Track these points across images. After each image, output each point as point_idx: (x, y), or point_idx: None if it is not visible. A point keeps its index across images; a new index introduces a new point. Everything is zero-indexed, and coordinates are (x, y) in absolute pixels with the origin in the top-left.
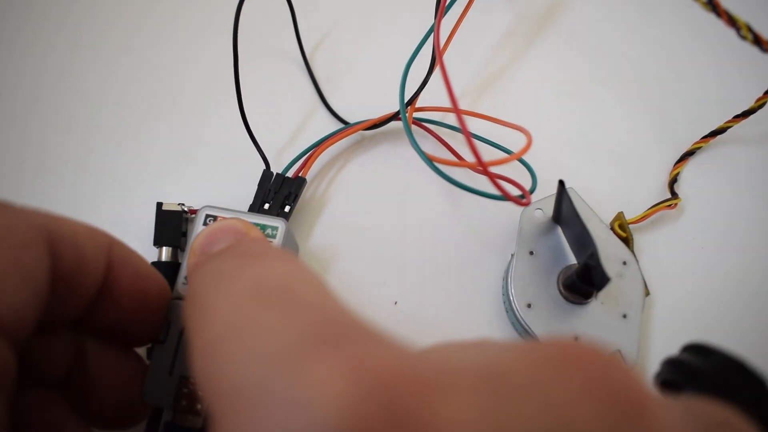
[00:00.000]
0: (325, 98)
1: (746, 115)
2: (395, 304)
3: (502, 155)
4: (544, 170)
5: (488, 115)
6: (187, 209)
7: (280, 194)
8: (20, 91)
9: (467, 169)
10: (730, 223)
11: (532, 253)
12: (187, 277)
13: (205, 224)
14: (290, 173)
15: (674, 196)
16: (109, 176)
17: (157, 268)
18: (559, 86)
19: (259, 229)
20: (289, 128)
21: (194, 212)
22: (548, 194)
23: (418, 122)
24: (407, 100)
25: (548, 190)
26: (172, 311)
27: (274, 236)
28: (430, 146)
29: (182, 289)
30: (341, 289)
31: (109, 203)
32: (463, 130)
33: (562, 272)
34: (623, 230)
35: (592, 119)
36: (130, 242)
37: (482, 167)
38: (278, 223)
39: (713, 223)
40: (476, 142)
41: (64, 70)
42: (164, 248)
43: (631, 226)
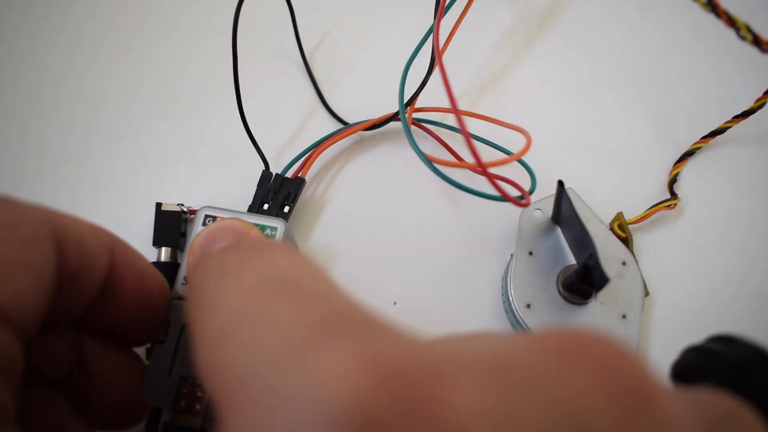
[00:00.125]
0: (324, 98)
1: (746, 115)
2: (395, 304)
3: (501, 156)
4: (543, 170)
5: (488, 115)
6: (186, 209)
7: (279, 194)
8: (20, 91)
9: (466, 169)
10: (730, 223)
11: (531, 253)
12: (186, 276)
13: (204, 224)
14: (290, 173)
15: (674, 196)
16: (108, 176)
17: (156, 268)
18: (559, 86)
19: (258, 229)
20: (288, 128)
21: (193, 212)
22: (548, 194)
23: (417, 123)
24: (407, 100)
25: (548, 190)
26: (171, 311)
27: (273, 237)
28: (429, 147)
29: (181, 289)
30: None
31: (108, 203)
32: (462, 130)
33: (561, 272)
34: (623, 230)
35: (591, 119)
36: (129, 242)
37: (481, 168)
38: (277, 223)
39: (713, 223)
40: (475, 142)
41: (64, 70)
42: (163, 248)
43: (630, 226)
